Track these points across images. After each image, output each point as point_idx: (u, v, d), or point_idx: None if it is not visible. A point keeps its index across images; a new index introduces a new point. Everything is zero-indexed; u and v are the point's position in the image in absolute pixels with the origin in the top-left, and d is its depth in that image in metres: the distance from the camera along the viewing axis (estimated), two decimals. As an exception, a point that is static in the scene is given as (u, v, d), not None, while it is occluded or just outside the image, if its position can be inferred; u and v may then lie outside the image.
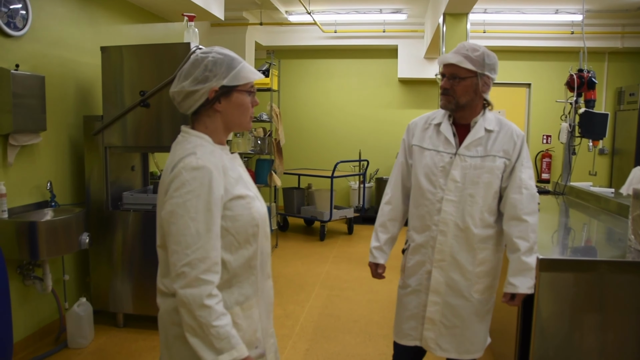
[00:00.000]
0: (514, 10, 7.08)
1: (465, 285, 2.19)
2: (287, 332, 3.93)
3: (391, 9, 7.39)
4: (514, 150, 2.16)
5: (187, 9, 4.79)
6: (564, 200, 4.19)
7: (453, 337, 2.22)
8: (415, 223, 2.28)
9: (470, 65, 2.09)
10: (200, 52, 1.55)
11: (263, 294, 1.67)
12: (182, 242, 1.39)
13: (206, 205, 1.42)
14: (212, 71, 1.51)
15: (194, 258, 1.39)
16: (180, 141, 1.57)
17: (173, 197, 1.42)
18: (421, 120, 2.33)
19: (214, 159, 1.49)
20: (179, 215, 1.41)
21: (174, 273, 1.41)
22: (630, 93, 7.58)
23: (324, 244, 6.87)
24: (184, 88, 1.52)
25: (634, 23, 7.45)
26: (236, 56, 1.57)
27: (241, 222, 1.52)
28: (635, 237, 2.46)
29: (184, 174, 1.42)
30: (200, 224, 1.40)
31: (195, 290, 1.38)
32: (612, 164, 8.13)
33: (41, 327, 3.67)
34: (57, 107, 3.77)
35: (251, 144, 6.31)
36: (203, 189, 1.42)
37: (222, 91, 1.53)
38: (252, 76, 1.56)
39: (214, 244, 1.43)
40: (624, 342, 2.31)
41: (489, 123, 2.18)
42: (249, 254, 1.57)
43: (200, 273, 1.39)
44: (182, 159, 1.46)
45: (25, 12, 3.38)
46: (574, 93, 4.17)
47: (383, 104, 8.75)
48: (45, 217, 3.33)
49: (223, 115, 1.56)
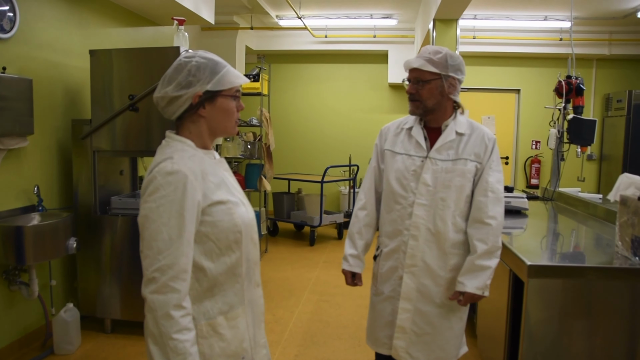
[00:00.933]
0: (504, 16, 7.14)
1: (437, 291, 2.18)
2: (276, 337, 3.91)
3: (382, 14, 7.42)
4: (485, 154, 2.17)
5: (177, 13, 4.78)
6: (553, 206, 4.22)
7: (424, 345, 2.20)
8: (387, 228, 2.27)
9: (432, 68, 2.09)
10: (183, 56, 1.53)
11: (251, 303, 1.62)
12: (154, 247, 1.38)
13: (179, 210, 1.39)
14: (196, 76, 1.49)
15: (164, 264, 1.37)
16: (163, 146, 1.55)
17: (147, 202, 1.41)
18: (393, 125, 2.34)
19: (191, 163, 1.46)
20: (152, 219, 1.39)
21: (146, 278, 1.39)
22: (618, 99, 7.65)
23: (313, 249, 6.86)
24: (167, 93, 1.50)
25: (622, 30, 7.54)
26: (220, 60, 1.54)
27: (221, 228, 1.49)
28: (622, 243, 2.48)
29: (158, 179, 1.41)
30: (172, 230, 1.38)
31: (162, 297, 1.36)
32: (600, 169, 8.19)
33: (27, 333, 3.63)
34: (45, 111, 3.73)
35: (241, 149, 6.29)
36: (177, 194, 1.40)
37: (206, 96, 1.50)
38: (236, 80, 1.54)
39: (184, 251, 1.40)
40: (612, 348, 2.32)
41: (460, 126, 2.19)
42: (232, 261, 1.53)
43: (168, 279, 1.36)
44: (159, 163, 1.44)
45: (13, 14, 3.35)
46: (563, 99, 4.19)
47: (373, 108, 8.77)
48: (32, 222, 3.30)
49: (207, 120, 1.54)
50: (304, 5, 6.86)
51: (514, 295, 2.60)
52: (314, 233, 7.04)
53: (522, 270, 2.37)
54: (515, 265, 2.47)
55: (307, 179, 7.46)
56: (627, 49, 7.69)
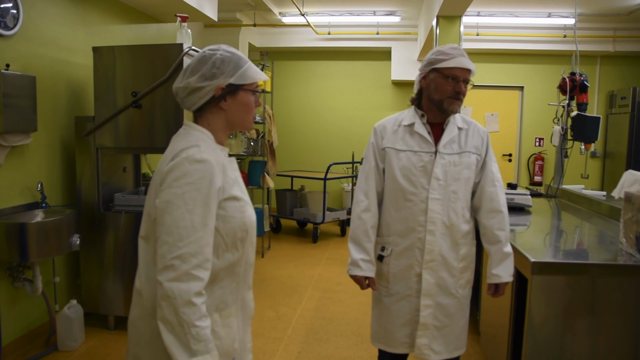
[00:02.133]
0: (507, 13, 7.11)
1: (452, 283, 2.24)
2: (279, 334, 3.91)
3: (385, 11, 7.40)
4: (483, 146, 2.28)
5: (180, 10, 4.77)
6: (556, 203, 4.21)
7: (444, 338, 2.25)
8: (398, 227, 2.26)
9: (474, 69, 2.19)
10: (208, 49, 1.54)
11: (243, 305, 1.62)
12: (175, 234, 1.34)
13: (205, 199, 1.38)
14: (220, 68, 1.50)
15: (186, 252, 1.34)
16: (182, 134, 1.54)
17: (172, 187, 1.38)
18: (389, 123, 2.33)
19: (216, 155, 1.47)
20: (176, 205, 1.36)
21: (162, 265, 1.34)
22: (622, 96, 7.62)
23: (316, 246, 6.86)
24: (190, 84, 1.50)
25: (626, 27, 7.50)
26: (243, 55, 1.56)
27: (232, 225, 1.48)
28: (626, 240, 2.47)
29: (186, 165, 1.39)
30: (196, 217, 1.36)
31: (184, 285, 1.33)
32: (604, 166, 8.17)
33: (31, 330, 3.64)
34: (48, 108, 3.74)
35: (244, 146, 6.28)
36: (204, 183, 1.39)
37: (229, 89, 1.51)
38: (258, 76, 1.55)
39: (208, 240, 1.39)
40: (616, 345, 2.31)
41: (458, 121, 2.27)
42: (234, 259, 1.52)
43: (191, 268, 1.34)
44: (185, 149, 1.43)
45: (16, 11, 3.35)
46: (567, 96, 4.18)
47: (376, 105, 8.76)
48: (35, 219, 3.30)
49: (227, 113, 1.55)
50: (307, 2, 6.85)
51: (517, 292, 2.59)
52: (316, 230, 7.04)
53: (526, 267, 2.37)
54: (519, 262, 2.47)
55: (310, 176, 7.46)
56: (632, 46, 7.66)
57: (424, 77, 2.24)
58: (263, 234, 6.19)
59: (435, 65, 2.16)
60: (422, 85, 2.26)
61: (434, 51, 2.21)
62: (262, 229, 6.17)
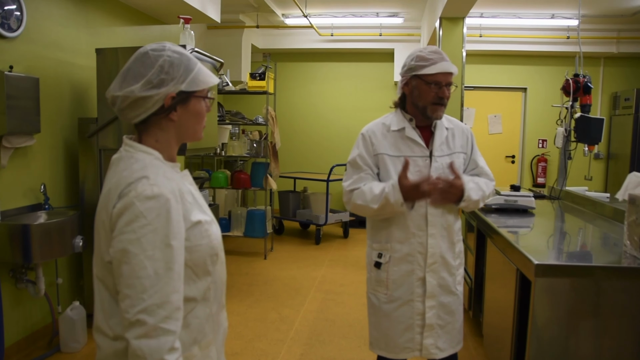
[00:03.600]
0: (510, 14, 7.10)
1: (451, 281, 2.28)
2: (281, 336, 3.91)
3: (388, 12, 7.40)
4: (468, 144, 2.33)
5: (183, 11, 4.78)
6: (560, 205, 4.19)
7: (447, 335, 2.28)
8: (397, 233, 2.23)
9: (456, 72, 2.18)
10: (150, 48, 1.32)
11: (219, 328, 1.47)
12: (137, 285, 1.16)
13: (164, 240, 1.20)
14: (170, 73, 1.28)
15: (151, 303, 1.16)
16: (125, 158, 1.31)
17: (125, 233, 1.19)
18: (377, 128, 2.30)
19: (169, 182, 1.26)
20: (133, 254, 1.17)
21: (127, 321, 1.17)
22: (626, 98, 7.60)
23: (319, 247, 6.85)
24: (133, 93, 1.26)
25: (630, 28, 7.48)
26: (191, 55, 1.36)
27: (200, 253, 1.32)
28: (630, 243, 2.46)
29: (137, 205, 1.19)
30: (158, 263, 1.18)
31: (154, 342, 1.16)
32: (608, 168, 8.15)
33: (34, 331, 3.64)
34: (52, 109, 3.75)
35: (247, 147, 6.29)
36: (161, 221, 1.20)
37: (180, 98, 1.30)
38: (210, 80, 1.35)
39: (175, 286, 1.21)
40: (621, 348, 2.30)
41: (444, 122, 2.29)
42: (206, 284, 1.36)
43: (159, 321, 1.16)
44: (132, 184, 1.22)
45: (20, 13, 3.36)
46: (570, 98, 4.16)
47: (379, 107, 8.73)
48: (38, 220, 3.31)
49: (178, 125, 1.34)
50: (310, 3, 6.85)
51: (521, 294, 2.58)
52: (319, 232, 7.04)
53: (529, 270, 2.35)
54: (523, 264, 2.46)
55: (313, 177, 7.46)
56: (635, 47, 7.64)
57: (406, 84, 2.20)
58: (266, 235, 6.19)
59: (416, 72, 2.13)
60: (405, 91, 2.22)
61: (413, 56, 2.16)
62: (264, 231, 6.17)
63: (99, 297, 1.30)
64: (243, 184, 6.19)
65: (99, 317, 1.30)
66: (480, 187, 2.23)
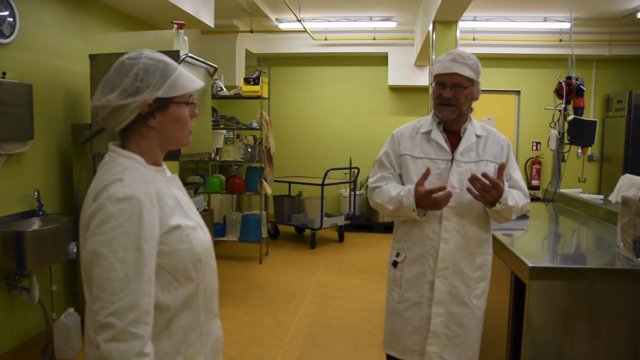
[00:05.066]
0: (503, 18, 7.14)
1: (466, 292, 2.20)
2: (277, 341, 3.90)
3: (381, 16, 7.42)
4: (502, 155, 2.25)
5: (176, 17, 4.78)
6: (554, 207, 4.21)
7: (455, 348, 2.21)
8: (412, 233, 2.25)
9: (471, 74, 2.12)
10: (127, 57, 1.31)
11: (209, 338, 1.43)
12: (108, 288, 1.15)
13: (136, 242, 1.18)
14: (144, 81, 1.27)
15: (121, 306, 1.15)
16: (107, 162, 1.31)
17: (96, 234, 1.18)
18: (407, 129, 2.33)
19: (145, 185, 1.25)
20: (104, 255, 1.16)
21: (97, 323, 1.16)
22: (618, 100, 7.65)
23: (314, 251, 6.85)
24: (110, 102, 1.27)
25: (621, 31, 7.54)
26: (171, 61, 1.34)
27: (180, 258, 1.29)
28: (624, 244, 2.47)
29: (108, 207, 1.19)
30: (129, 266, 1.17)
31: (122, 346, 1.14)
32: (601, 170, 8.19)
33: (28, 338, 3.62)
34: (45, 115, 3.74)
35: (241, 152, 6.28)
36: (132, 224, 1.19)
37: (157, 104, 1.30)
38: (190, 85, 1.34)
39: (145, 289, 1.19)
40: (615, 350, 2.30)
41: (476, 129, 2.25)
42: (189, 292, 1.33)
43: (127, 325, 1.15)
44: (106, 187, 1.22)
45: (13, 19, 3.36)
46: (563, 100, 4.19)
47: (373, 111, 8.77)
48: (32, 227, 3.29)
49: (159, 131, 1.33)
50: (303, 8, 6.87)
51: (515, 297, 2.59)
52: (314, 236, 7.03)
53: (523, 272, 2.36)
54: (517, 267, 2.46)
55: (308, 181, 7.47)
56: (627, 50, 7.70)
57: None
58: (261, 240, 6.18)
59: (432, 74, 2.20)
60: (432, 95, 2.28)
61: None
62: (260, 235, 6.16)
63: (86, 302, 1.29)
64: (238, 188, 6.18)
65: (87, 324, 1.28)
66: (514, 198, 2.15)
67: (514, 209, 2.15)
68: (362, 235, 7.88)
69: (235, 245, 7.05)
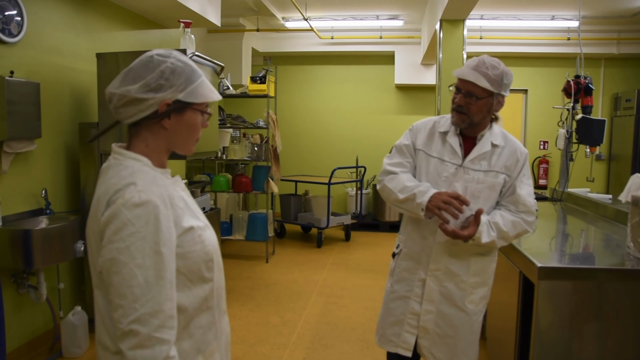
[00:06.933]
0: (511, 16, 7.10)
1: (460, 295, 2.19)
2: (284, 340, 3.90)
3: (388, 15, 7.40)
4: (516, 167, 2.17)
5: (183, 16, 4.78)
6: (562, 207, 4.18)
7: (447, 347, 2.22)
8: (412, 230, 2.26)
9: (488, 85, 2.04)
10: (156, 53, 1.30)
11: (222, 335, 1.45)
12: (129, 295, 1.14)
13: (154, 247, 1.17)
14: (169, 80, 1.27)
15: (144, 313, 1.14)
16: (113, 165, 1.30)
17: (113, 242, 1.16)
18: (426, 125, 2.28)
19: (157, 188, 1.24)
20: (123, 262, 1.15)
21: (120, 331, 1.15)
22: (627, 99, 7.59)
23: (321, 251, 6.84)
24: (130, 93, 1.27)
25: (630, 29, 7.48)
26: (197, 68, 1.33)
27: (194, 259, 1.30)
28: (634, 245, 2.45)
29: (124, 213, 1.17)
30: (149, 271, 1.16)
31: (148, 352, 1.14)
32: (609, 170, 8.13)
33: (35, 336, 3.63)
34: (53, 114, 3.75)
35: (248, 151, 6.28)
36: (149, 229, 1.17)
37: (176, 106, 1.29)
38: (211, 95, 1.33)
39: (168, 294, 1.19)
40: (624, 350, 2.29)
41: (495, 137, 2.18)
42: (205, 293, 1.34)
43: (153, 330, 1.14)
44: (119, 191, 1.20)
45: (20, 18, 3.36)
46: (571, 99, 4.16)
47: (380, 110, 8.75)
48: (39, 225, 3.30)
49: (169, 133, 1.32)
50: (310, 6, 6.86)
51: (524, 297, 2.58)
52: (321, 235, 7.02)
53: (532, 272, 2.35)
54: (525, 267, 2.45)
55: (314, 180, 7.45)
56: (636, 48, 7.63)
57: None
58: (267, 239, 6.18)
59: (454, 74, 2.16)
60: None
61: None
62: (266, 234, 6.16)
63: (97, 307, 1.28)
64: (244, 187, 6.18)
65: (100, 329, 1.28)
66: (494, 232, 2.09)
67: (496, 242, 2.11)
68: (368, 234, 7.87)
69: (241, 244, 7.06)
